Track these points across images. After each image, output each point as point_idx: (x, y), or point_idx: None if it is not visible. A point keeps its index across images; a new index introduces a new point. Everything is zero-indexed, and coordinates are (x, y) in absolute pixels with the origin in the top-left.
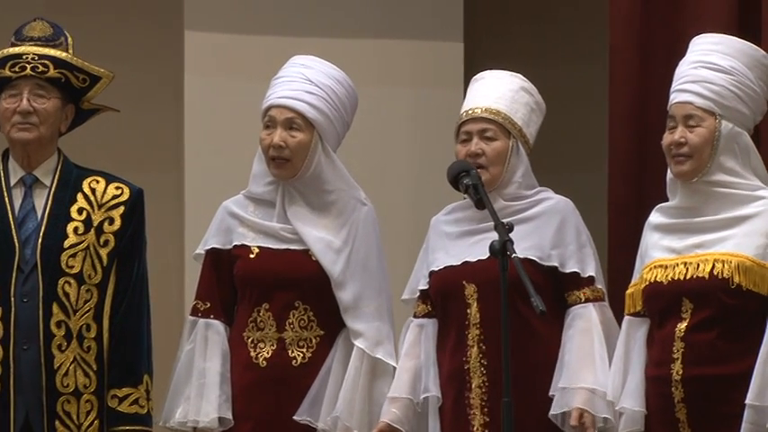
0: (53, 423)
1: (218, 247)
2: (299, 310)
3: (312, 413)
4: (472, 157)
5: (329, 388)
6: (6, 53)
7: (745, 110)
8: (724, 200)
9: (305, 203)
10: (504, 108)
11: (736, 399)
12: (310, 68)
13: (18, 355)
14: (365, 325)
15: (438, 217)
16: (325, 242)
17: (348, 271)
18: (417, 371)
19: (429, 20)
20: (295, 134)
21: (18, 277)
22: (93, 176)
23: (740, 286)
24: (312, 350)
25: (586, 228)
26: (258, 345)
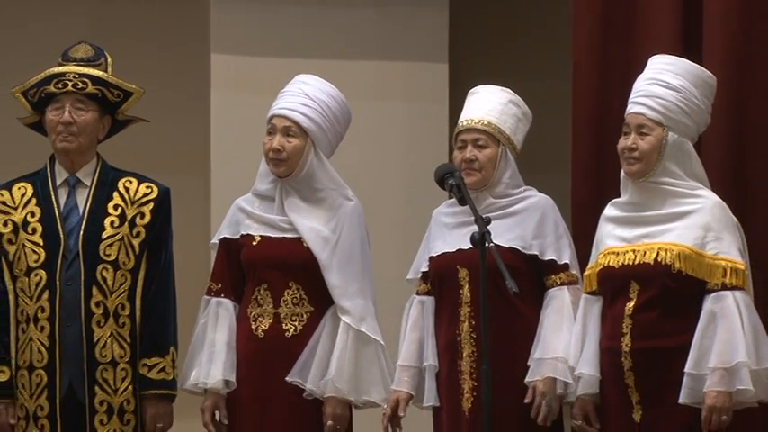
0: (93, 388)
1: (229, 236)
2: (292, 290)
3: (302, 376)
4: (467, 162)
5: (317, 356)
6: (51, 72)
7: (689, 122)
8: (668, 197)
9: (300, 198)
10: (494, 119)
11: (676, 368)
12: (309, 85)
13: (62, 330)
14: (350, 303)
15: (439, 209)
16: (315, 231)
17: (334, 257)
18: (422, 341)
19: (418, 44)
20: (291, 140)
21: (63, 264)
22: (127, 177)
23: (680, 271)
24: (303, 323)
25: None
26: (258, 319)
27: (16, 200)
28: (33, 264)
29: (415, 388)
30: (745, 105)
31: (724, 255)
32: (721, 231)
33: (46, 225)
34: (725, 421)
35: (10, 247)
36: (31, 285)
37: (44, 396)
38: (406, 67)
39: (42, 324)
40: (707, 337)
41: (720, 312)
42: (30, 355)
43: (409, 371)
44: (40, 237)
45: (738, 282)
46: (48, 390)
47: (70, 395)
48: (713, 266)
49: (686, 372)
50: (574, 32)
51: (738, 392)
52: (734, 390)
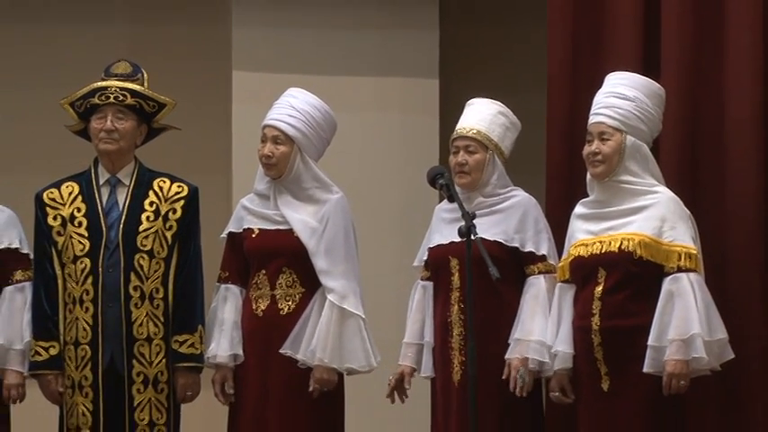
0: (131, 362)
1: (234, 231)
2: (286, 274)
3: (293, 348)
4: (459, 165)
5: (307, 330)
6: (95, 86)
7: (644, 128)
8: (628, 194)
9: (290, 196)
10: (483, 128)
11: (640, 343)
12: (295, 98)
13: (104, 311)
14: (335, 283)
15: (440, 206)
16: (304, 223)
17: (321, 244)
18: (424, 321)
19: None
20: (280, 147)
21: (105, 253)
22: (161, 177)
23: (641, 258)
24: (296, 303)
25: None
26: (258, 300)
27: (64, 197)
28: (79, 253)
29: (418, 362)
30: (698, 114)
31: (679, 242)
32: (676, 222)
33: (90, 219)
34: (683, 386)
35: (59, 238)
36: (77, 271)
37: (88, 368)
38: (402, 82)
39: (87, 305)
40: (666, 313)
41: (677, 292)
42: (76, 333)
43: (413, 347)
44: (85, 229)
45: (692, 265)
46: (91, 363)
47: (111, 367)
48: (670, 252)
49: (649, 344)
50: (548, 52)
51: (694, 360)
52: (690, 358)
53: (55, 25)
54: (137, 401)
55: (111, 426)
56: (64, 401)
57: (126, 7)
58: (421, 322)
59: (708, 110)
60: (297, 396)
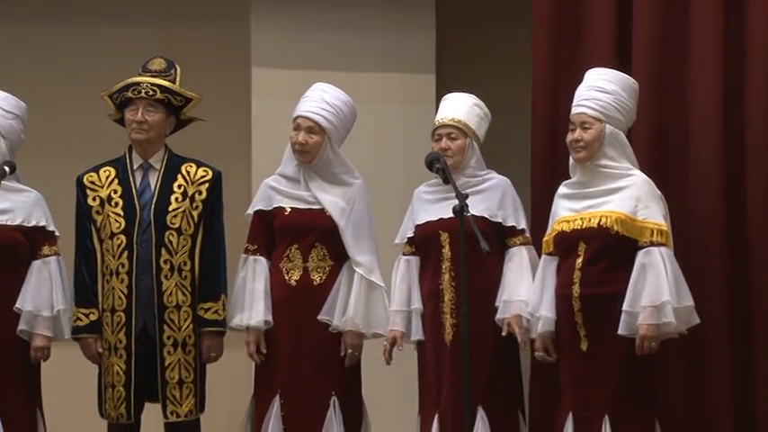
0: (162, 327)
1: (263, 208)
2: (317, 248)
3: (329, 314)
4: (442, 150)
5: (339, 300)
6: (130, 81)
7: (621, 118)
8: (607, 177)
9: (321, 179)
10: (462, 118)
11: (615, 309)
12: (326, 93)
13: (138, 282)
14: (362, 257)
15: (420, 188)
16: (334, 203)
17: (349, 222)
18: (409, 291)
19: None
20: (313, 136)
21: (138, 230)
22: (188, 163)
23: (618, 233)
24: (326, 274)
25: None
26: (290, 271)
27: (102, 180)
28: (115, 230)
29: (407, 326)
30: (665, 107)
31: (651, 219)
32: (649, 201)
33: (125, 200)
34: (654, 348)
35: (97, 216)
36: (114, 246)
37: (123, 332)
38: (403, 77)
39: (122, 277)
40: (639, 282)
41: (649, 264)
42: (112, 301)
43: (401, 314)
44: (120, 209)
45: (663, 240)
46: (126, 327)
47: (143, 332)
48: (643, 228)
49: (624, 310)
50: (533, 51)
51: (664, 325)
52: (661, 323)
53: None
54: (167, 362)
55: (141, 383)
56: (102, 362)
57: (156, 10)
58: (407, 292)
59: (674, 102)
60: (327, 357)
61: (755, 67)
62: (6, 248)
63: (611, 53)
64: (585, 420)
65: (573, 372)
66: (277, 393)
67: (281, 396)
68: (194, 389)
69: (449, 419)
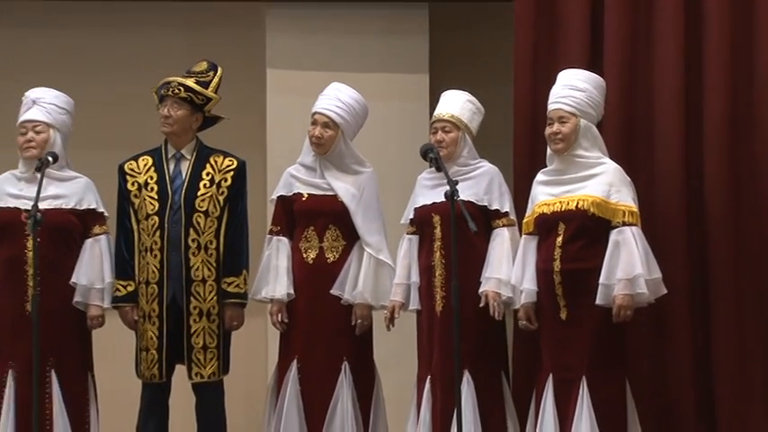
0: (189, 298)
1: (284, 194)
2: (331, 230)
3: (341, 289)
4: (437, 142)
5: (350, 276)
6: (164, 81)
7: (593, 112)
8: (581, 165)
9: (335, 169)
10: (456, 113)
11: (591, 282)
12: (341, 91)
13: (169, 258)
14: (371, 238)
15: (422, 175)
16: (346, 189)
17: (360, 206)
18: (410, 266)
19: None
20: (328, 131)
21: (170, 212)
22: (216, 153)
23: (594, 214)
24: (339, 253)
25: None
26: (307, 251)
27: (140, 167)
28: (150, 211)
29: (407, 298)
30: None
31: (623, 202)
32: (620, 186)
33: (160, 185)
34: (629, 316)
35: (135, 199)
36: (149, 226)
37: (155, 302)
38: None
39: (155, 253)
40: (613, 258)
41: (622, 241)
42: (146, 274)
43: (401, 287)
44: (155, 193)
45: (633, 220)
46: (158, 298)
47: (173, 302)
48: (616, 210)
49: (600, 283)
50: (515, 54)
51: (638, 295)
52: (635, 293)
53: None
54: (193, 329)
55: (172, 347)
56: (137, 328)
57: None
58: (407, 267)
59: (640, 96)
60: (339, 326)
61: (712, 64)
62: (62, 229)
63: (585, 54)
64: (565, 381)
65: (553, 338)
66: (295, 358)
67: (299, 361)
68: (217, 353)
69: (438, 381)
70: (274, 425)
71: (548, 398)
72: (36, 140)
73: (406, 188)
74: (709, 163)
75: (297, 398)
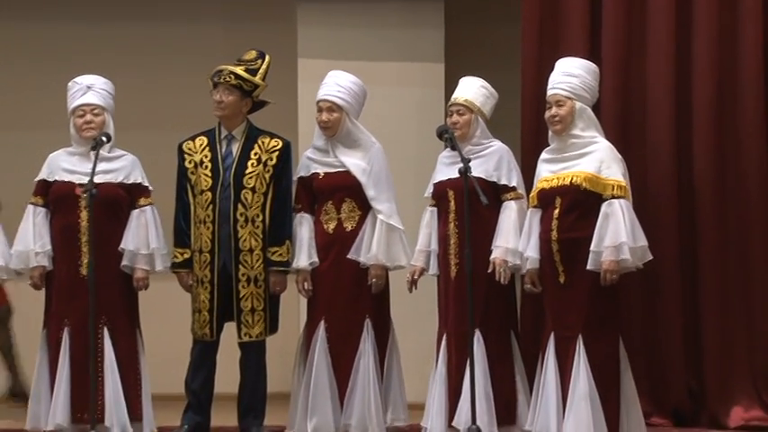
0: (238, 266)
1: (303, 175)
2: (347, 202)
3: (357, 253)
4: (453, 124)
5: (365, 241)
6: (217, 69)
7: (588, 96)
8: (577, 144)
9: (344, 147)
10: (470, 97)
11: (585, 249)
12: (338, 77)
13: (220, 230)
14: (382, 206)
15: (442, 153)
16: (356, 165)
17: (370, 178)
18: (431, 235)
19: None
20: (333, 114)
21: (221, 188)
22: (263, 135)
23: (586, 189)
24: (355, 222)
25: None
26: (328, 222)
27: (196, 147)
28: (204, 187)
29: (427, 263)
30: (628, 87)
31: (613, 177)
32: (611, 163)
33: (213, 163)
34: (614, 279)
35: (192, 176)
36: (203, 201)
37: (208, 269)
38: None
39: (208, 225)
40: (603, 228)
41: (611, 212)
42: (200, 244)
43: (422, 253)
44: (209, 171)
45: (622, 193)
46: (210, 265)
47: (224, 269)
48: (606, 185)
49: (591, 250)
50: (522, 44)
51: (622, 261)
52: (619, 259)
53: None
54: (242, 294)
55: (221, 310)
56: (192, 291)
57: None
58: (428, 236)
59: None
60: (359, 287)
61: (701, 56)
62: (112, 201)
63: (585, 46)
64: (564, 338)
65: (553, 300)
66: (322, 318)
67: (325, 321)
68: (264, 315)
69: (452, 338)
70: (305, 377)
71: (549, 354)
72: (95, 122)
73: (423, 166)
74: (698, 143)
75: (325, 353)
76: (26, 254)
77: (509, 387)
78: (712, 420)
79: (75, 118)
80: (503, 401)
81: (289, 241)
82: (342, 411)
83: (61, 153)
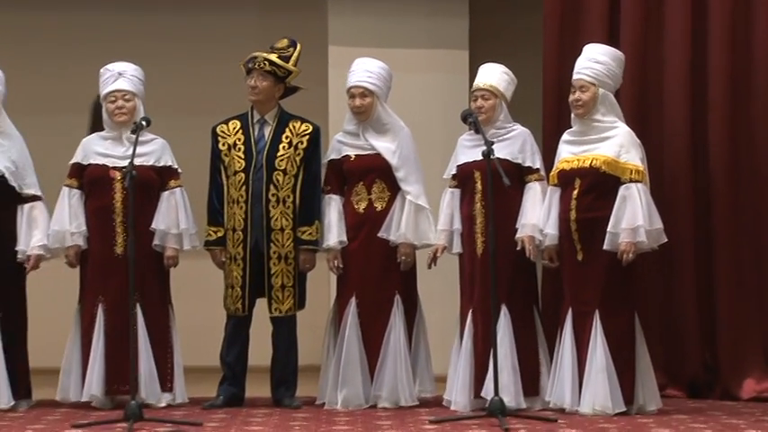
0: (269, 244)
1: (334, 158)
2: (377, 183)
3: (387, 232)
4: (477, 108)
5: (394, 220)
6: (251, 56)
7: (611, 82)
8: (598, 129)
9: (374, 131)
10: (493, 83)
11: (602, 229)
12: (366, 63)
13: (252, 209)
14: (411, 187)
15: (462, 137)
16: (386, 148)
17: (399, 161)
18: (452, 215)
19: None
20: (366, 99)
21: (254, 170)
22: (294, 119)
23: (605, 172)
24: (385, 202)
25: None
26: (358, 203)
27: (230, 130)
28: (238, 168)
29: (449, 242)
30: (645, 73)
31: (631, 162)
32: (630, 147)
33: (246, 146)
34: (631, 259)
35: (225, 158)
36: (236, 182)
37: (240, 247)
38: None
39: (241, 205)
40: (620, 210)
41: (628, 196)
42: (233, 222)
43: (444, 232)
44: (242, 153)
45: (640, 178)
46: (243, 243)
47: (255, 247)
48: (624, 169)
49: (608, 231)
50: (544, 31)
51: (639, 243)
52: (636, 241)
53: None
54: (273, 271)
55: (253, 286)
56: (225, 267)
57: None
58: (450, 216)
59: (652, 69)
60: (389, 265)
61: (715, 40)
62: (144, 183)
63: (604, 32)
64: (582, 314)
65: (572, 276)
66: (353, 294)
67: (356, 297)
68: (293, 291)
69: (479, 313)
70: (336, 350)
71: (567, 329)
72: (126, 107)
73: (448, 148)
74: (713, 125)
75: (356, 328)
76: (62, 234)
77: (533, 360)
78: (725, 392)
79: (107, 103)
80: (528, 374)
81: (318, 221)
82: (372, 383)
83: (94, 137)
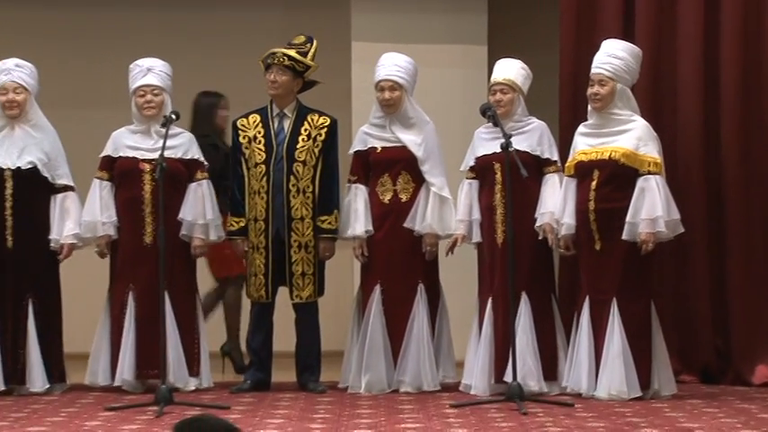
0: (290, 233)
1: (360, 149)
2: (402, 175)
3: (412, 222)
4: (496, 102)
5: (419, 211)
6: (270, 51)
7: (629, 77)
8: (616, 122)
9: (401, 124)
10: (511, 77)
11: (620, 219)
12: (394, 57)
13: (273, 200)
14: (435, 179)
15: (479, 130)
16: (412, 141)
17: (424, 154)
18: (470, 205)
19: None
20: (395, 92)
21: (274, 162)
22: (312, 112)
23: (624, 164)
24: (410, 194)
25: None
26: (384, 193)
27: (250, 123)
28: (258, 160)
29: (468, 232)
30: (659, 67)
31: (649, 154)
32: (647, 140)
33: (266, 139)
34: (650, 248)
35: (246, 150)
36: (257, 173)
37: (262, 236)
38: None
39: (262, 195)
40: (639, 201)
41: (647, 187)
42: (255, 212)
43: (464, 222)
44: (262, 146)
45: (657, 170)
46: (264, 232)
47: (277, 236)
48: (642, 161)
49: (627, 221)
50: (561, 28)
51: (658, 233)
52: (655, 231)
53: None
54: (294, 259)
55: (276, 273)
56: (247, 257)
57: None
58: (469, 206)
59: (666, 63)
60: (413, 254)
61: (728, 33)
62: (172, 175)
63: (619, 26)
64: (599, 301)
65: (589, 265)
66: (378, 282)
67: (381, 284)
68: (313, 279)
69: (500, 301)
70: (360, 337)
71: (584, 316)
72: (155, 102)
73: (467, 141)
74: (725, 118)
75: (380, 315)
76: (94, 224)
77: (552, 346)
78: (738, 377)
79: (136, 98)
80: (546, 359)
81: (337, 210)
82: (395, 369)
83: (124, 131)
